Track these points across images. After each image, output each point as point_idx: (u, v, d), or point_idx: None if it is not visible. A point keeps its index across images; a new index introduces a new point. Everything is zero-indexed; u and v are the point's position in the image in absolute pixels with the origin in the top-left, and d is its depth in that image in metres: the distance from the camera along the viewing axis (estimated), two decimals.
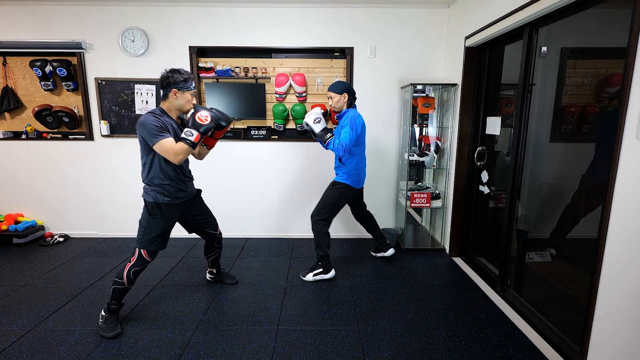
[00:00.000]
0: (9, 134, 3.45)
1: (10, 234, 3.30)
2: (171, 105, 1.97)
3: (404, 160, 3.28)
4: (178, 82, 1.91)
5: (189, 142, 1.87)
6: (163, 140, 1.85)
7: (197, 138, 1.89)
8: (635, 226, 1.34)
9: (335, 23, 3.26)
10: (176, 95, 1.94)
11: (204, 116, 1.91)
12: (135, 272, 2.02)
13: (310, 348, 1.90)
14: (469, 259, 2.99)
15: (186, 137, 1.87)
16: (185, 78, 1.93)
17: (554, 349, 1.82)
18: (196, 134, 1.88)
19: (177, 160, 1.88)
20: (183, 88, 1.93)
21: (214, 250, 2.49)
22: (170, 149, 1.85)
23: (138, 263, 2.02)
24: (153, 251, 2.05)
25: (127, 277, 2.01)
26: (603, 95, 1.73)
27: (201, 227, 2.33)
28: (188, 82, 1.94)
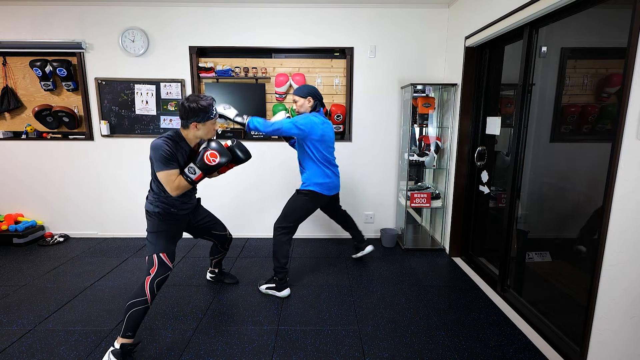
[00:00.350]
0: (9, 134, 3.45)
1: (10, 234, 3.30)
2: (190, 135, 1.88)
3: (404, 160, 3.28)
4: (198, 114, 1.80)
5: (190, 180, 1.82)
6: (167, 172, 1.78)
7: (198, 177, 1.83)
8: (635, 226, 1.34)
9: (335, 23, 3.26)
10: (197, 127, 1.85)
11: (213, 156, 1.82)
12: (159, 282, 1.83)
13: (310, 348, 1.90)
14: (469, 259, 2.99)
15: (188, 174, 1.81)
16: (205, 108, 1.81)
17: (554, 349, 1.82)
18: (198, 173, 1.82)
19: (174, 194, 1.82)
20: (203, 119, 1.83)
21: (220, 252, 2.48)
22: (171, 182, 1.79)
23: (161, 271, 1.85)
24: (172, 254, 1.94)
25: (150, 291, 1.79)
26: (603, 95, 1.73)
27: (208, 229, 2.30)
28: (209, 112, 1.83)
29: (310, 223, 3.58)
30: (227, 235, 2.42)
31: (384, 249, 3.35)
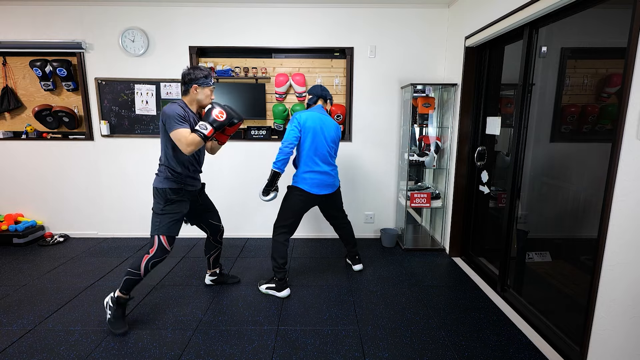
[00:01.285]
0: (9, 134, 3.45)
1: (10, 234, 3.30)
2: (192, 99, 2.07)
3: (404, 160, 3.28)
4: (199, 78, 2.02)
5: (202, 135, 1.94)
6: (181, 129, 1.92)
7: (210, 132, 1.96)
8: (635, 226, 1.34)
9: (335, 23, 3.26)
10: (197, 90, 2.04)
11: (220, 112, 2.00)
12: (154, 263, 2.04)
13: (310, 348, 1.90)
14: (469, 259, 2.99)
15: (200, 129, 1.95)
16: (205, 75, 2.04)
17: (554, 349, 1.82)
18: (210, 129, 1.96)
19: (188, 151, 1.94)
20: (203, 84, 2.04)
21: (215, 246, 2.49)
22: (184, 138, 1.92)
23: (158, 254, 2.04)
24: (172, 237, 2.07)
25: (144, 269, 2.03)
26: (603, 95, 1.73)
27: (206, 218, 2.37)
28: (208, 78, 2.06)
29: (310, 223, 3.58)
30: (220, 227, 2.46)
31: (384, 249, 3.35)
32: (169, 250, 2.06)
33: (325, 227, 3.60)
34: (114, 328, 2.01)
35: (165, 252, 2.05)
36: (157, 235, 2.03)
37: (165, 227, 2.04)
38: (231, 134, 2.23)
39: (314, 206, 2.59)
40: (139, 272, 2.02)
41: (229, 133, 2.21)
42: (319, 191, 2.46)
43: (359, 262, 2.87)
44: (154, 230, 2.04)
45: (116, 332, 2.00)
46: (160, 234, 2.03)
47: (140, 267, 2.02)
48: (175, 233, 2.09)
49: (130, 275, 2.03)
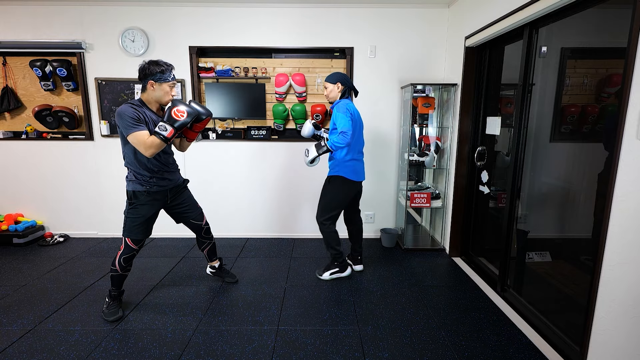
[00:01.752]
0: (9, 134, 3.45)
1: (10, 234, 3.30)
2: (149, 97, 1.97)
3: (404, 160, 3.28)
4: (155, 73, 1.90)
5: (162, 137, 1.85)
6: (137, 133, 1.84)
7: (170, 133, 1.86)
8: (635, 226, 1.34)
9: (335, 23, 3.26)
10: (153, 87, 1.94)
11: (180, 111, 1.87)
12: (125, 259, 2.10)
13: (310, 348, 1.90)
14: (469, 259, 2.99)
15: (159, 131, 1.84)
16: (162, 69, 1.92)
17: (554, 349, 1.82)
18: (170, 129, 1.85)
19: (148, 154, 1.87)
20: (160, 80, 1.92)
21: (203, 241, 2.48)
22: (143, 142, 1.84)
23: (126, 251, 2.10)
24: (137, 239, 2.09)
25: (119, 265, 2.10)
26: (603, 95, 1.73)
27: (185, 218, 2.33)
28: (165, 73, 1.93)
29: (310, 223, 3.58)
30: (203, 225, 2.41)
31: (384, 249, 3.35)
32: (135, 248, 2.11)
33: None
34: (108, 316, 2.12)
35: (131, 250, 2.10)
36: (123, 236, 2.08)
37: (128, 230, 2.06)
38: (200, 130, 2.13)
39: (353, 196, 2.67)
40: (115, 268, 2.11)
41: (197, 130, 2.11)
42: (359, 178, 2.59)
43: (361, 263, 2.88)
44: (122, 231, 2.09)
45: (109, 319, 2.11)
46: (125, 236, 2.07)
47: (115, 263, 2.10)
48: (138, 235, 2.07)
49: (112, 272, 2.13)
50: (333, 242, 2.60)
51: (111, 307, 2.16)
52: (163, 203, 2.18)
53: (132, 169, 2.02)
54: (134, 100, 1.98)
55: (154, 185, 2.06)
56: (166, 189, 2.14)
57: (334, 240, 2.60)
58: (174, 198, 2.22)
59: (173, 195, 2.21)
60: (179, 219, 2.35)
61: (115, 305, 2.17)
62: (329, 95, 2.53)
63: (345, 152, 2.48)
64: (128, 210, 2.06)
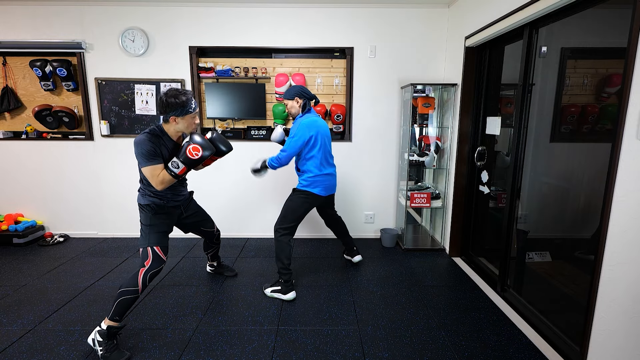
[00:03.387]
0: (9, 134, 3.45)
1: (10, 234, 3.30)
2: (171, 129, 1.93)
3: (404, 160, 3.28)
4: (176, 109, 1.83)
5: (173, 174, 1.85)
6: (151, 167, 1.83)
7: (181, 171, 1.86)
8: (635, 226, 1.34)
9: (335, 23, 3.26)
10: (176, 121, 1.87)
11: (196, 149, 1.84)
12: (152, 275, 1.90)
13: (310, 348, 1.90)
14: (469, 259, 2.99)
15: (172, 168, 1.84)
16: (183, 103, 1.82)
17: (554, 349, 1.82)
18: (182, 167, 1.85)
19: (159, 188, 1.87)
20: (182, 114, 1.85)
21: (212, 246, 2.59)
22: (155, 176, 1.84)
23: (155, 264, 1.91)
24: (165, 246, 2.00)
25: (142, 283, 1.85)
26: (603, 95, 1.73)
27: (197, 226, 2.37)
28: (187, 106, 1.84)
29: (310, 223, 3.58)
30: (215, 232, 2.49)
31: (384, 249, 3.35)
32: (164, 259, 1.97)
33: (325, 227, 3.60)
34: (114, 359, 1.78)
35: (161, 262, 1.95)
36: (149, 247, 1.93)
37: (155, 238, 1.96)
38: (216, 159, 2.13)
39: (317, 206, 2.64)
40: (136, 289, 1.83)
41: (214, 159, 2.11)
42: (328, 193, 2.52)
43: (358, 253, 2.92)
44: (145, 243, 1.95)
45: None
46: (153, 245, 1.94)
47: (138, 282, 1.84)
48: (166, 242, 2.02)
49: (125, 296, 1.81)
50: (282, 255, 2.41)
51: (111, 349, 1.79)
52: (178, 216, 2.19)
53: (150, 189, 1.98)
54: (155, 128, 1.92)
55: (170, 201, 2.06)
56: (180, 203, 2.15)
57: (284, 252, 2.41)
58: (186, 210, 2.23)
59: (185, 208, 2.22)
60: (189, 229, 2.35)
61: (114, 346, 1.80)
62: (290, 112, 2.47)
63: (310, 167, 2.41)
64: (151, 219, 1.97)
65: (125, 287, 1.83)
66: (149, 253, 1.93)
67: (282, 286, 2.41)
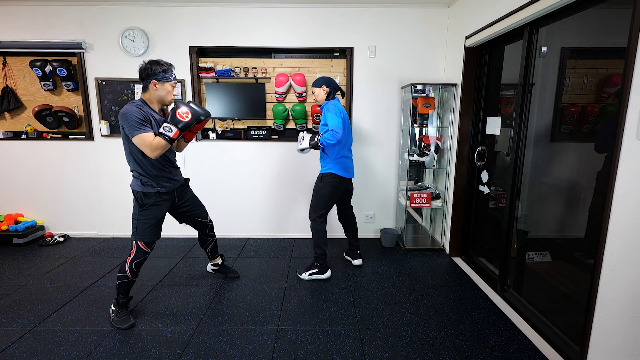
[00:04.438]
0: (9, 134, 3.45)
1: (10, 234, 3.30)
2: (152, 96, 1.98)
3: (404, 160, 3.28)
4: (157, 73, 1.92)
5: (168, 137, 1.88)
6: (143, 134, 1.85)
7: (175, 134, 1.90)
8: (635, 226, 1.34)
9: (335, 23, 3.26)
10: (156, 86, 1.95)
11: (184, 112, 1.91)
12: (136, 264, 2.06)
13: (310, 348, 1.90)
14: (469, 259, 2.99)
15: (165, 132, 1.88)
16: (164, 69, 1.94)
17: (554, 349, 1.82)
18: (175, 130, 1.89)
19: (153, 155, 1.89)
20: (163, 79, 1.94)
21: (207, 239, 2.54)
22: (149, 143, 1.85)
23: (138, 255, 2.06)
24: (150, 242, 2.07)
25: (129, 270, 2.05)
26: (603, 95, 1.73)
27: (191, 216, 2.36)
28: (168, 72, 1.96)
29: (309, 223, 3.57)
30: (208, 222, 2.47)
31: (384, 249, 3.35)
32: (147, 251, 2.08)
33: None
34: (119, 324, 2.06)
35: (144, 253, 2.07)
36: (134, 240, 2.04)
37: (141, 233, 2.03)
38: (197, 130, 2.16)
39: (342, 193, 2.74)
40: (126, 275, 2.05)
41: (196, 130, 2.13)
42: (349, 174, 2.67)
43: (360, 257, 2.96)
44: (132, 235, 2.05)
45: (122, 326, 2.05)
46: (137, 239, 2.04)
47: (126, 269, 2.04)
48: (151, 237, 2.06)
49: (120, 280, 2.06)
50: (321, 242, 2.62)
51: (121, 315, 2.10)
52: (171, 203, 2.18)
53: (140, 171, 2.00)
54: (136, 100, 1.97)
55: (162, 186, 2.07)
56: (173, 189, 2.15)
57: (322, 239, 2.63)
58: (180, 198, 2.24)
59: (179, 195, 2.22)
60: (183, 219, 2.36)
61: (124, 312, 2.11)
62: (317, 99, 2.64)
63: (336, 150, 2.57)
64: (139, 213, 2.03)
65: (119, 272, 2.07)
66: (134, 245, 2.06)
67: (320, 268, 2.65)
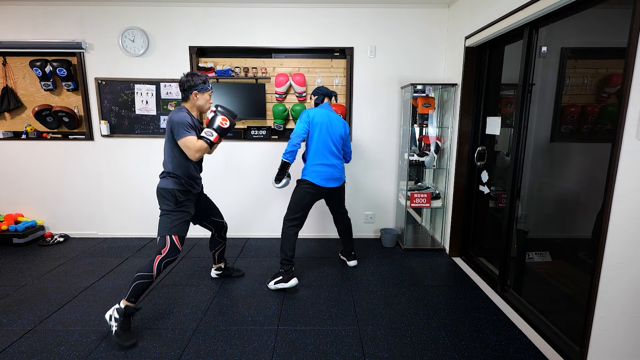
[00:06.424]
0: (9, 134, 3.45)
1: (10, 234, 3.30)
2: (192, 105, 2.15)
3: (404, 160, 3.28)
4: (197, 84, 2.09)
5: (209, 141, 2.05)
6: (189, 137, 2.00)
7: (216, 139, 2.07)
8: (635, 226, 1.34)
9: (335, 23, 3.26)
10: (196, 96, 2.12)
11: (225, 120, 2.11)
12: (166, 263, 2.03)
13: (310, 348, 1.90)
14: (469, 259, 2.99)
15: (206, 136, 2.06)
16: (203, 80, 2.12)
17: (554, 349, 1.81)
18: (215, 135, 2.07)
19: (196, 157, 2.04)
20: (202, 89, 2.12)
21: (219, 242, 2.59)
22: (193, 145, 2.01)
23: (171, 253, 2.04)
24: (183, 237, 2.12)
25: (157, 270, 1.99)
26: (603, 95, 1.73)
27: (208, 216, 2.46)
28: (206, 84, 2.14)
29: (310, 223, 3.58)
30: (224, 224, 2.57)
31: (384, 249, 3.35)
32: (180, 249, 2.09)
33: (326, 227, 3.61)
34: (123, 341, 1.88)
35: (177, 251, 2.07)
36: (168, 236, 2.05)
37: (177, 228, 2.09)
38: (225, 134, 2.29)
39: (321, 199, 2.69)
40: (151, 274, 1.97)
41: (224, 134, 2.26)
42: (327, 184, 2.57)
43: (354, 258, 2.94)
44: (165, 231, 2.06)
45: (125, 344, 1.88)
46: (172, 234, 2.06)
47: (153, 268, 1.98)
48: (185, 233, 2.15)
49: (141, 280, 1.96)
50: (286, 246, 2.50)
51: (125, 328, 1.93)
52: (195, 204, 2.28)
53: (178, 173, 2.11)
54: (182, 107, 2.12)
55: (194, 187, 2.20)
56: (198, 191, 2.28)
57: (288, 243, 2.50)
58: (198, 200, 2.34)
59: (199, 197, 2.35)
60: (201, 218, 2.44)
61: (127, 325, 1.94)
62: None
63: (310, 157, 2.55)
64: (174, 210, 2.09)
65: (142, 272, 1.99)
66: (167, 241, 2.04)
67: (283, 275, 2.48)
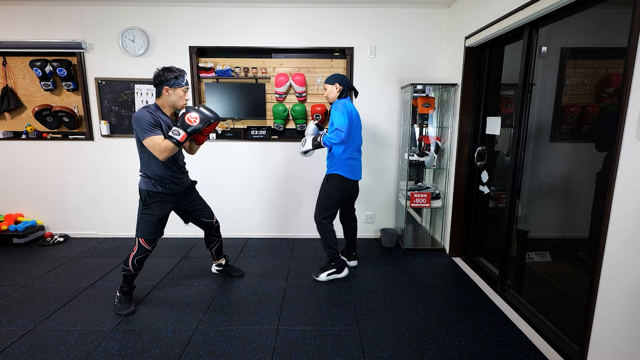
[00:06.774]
0: (9, 134, 3.45)
1: (10, 234, 3.30)
2: (164, 102, 2.07)
3: (404, 160, 3.28)
4: (169, 79, 2.01)
5: (175, 141, 1.96)
6: (153, 137, 1.95)
7: (183, 138, 1.96)
8: (635, 226, 1.34)
9: (335, 23, 3.26)
10: (168, 92, 2.04)
11: (193, 117, 1.98)
12: (138, 260, 2.16)
13: (310, 348, 1.90)
14: (469, 259, 2.99)
15: (173, 136, 1.96)
16: (176, 75, 2.03)
17: (554, 349, 1.82)
18: (183, 134, 1.96)
19: (162, 157, 1.98)
20: (174, 85, 2.03)
21: (213, 239, 2.60)
22: (157, 145, 1.95)
23: (140, 252, 2.15)
24: (151, 239, 2.16)
25: (132, 265, 2.16)
26: (603, 95, 1.73)
27: (196, 217, 2.43)
28: (179, 79, 2.04)
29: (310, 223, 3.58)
30: (214, 223, 2.54)
31: (384, 249, 3.35)
32: (148, 249, 2.16)
33: None
34: (120, 310, 2.19)
35: (146, 251, 2.16)
36: (136, 237, 2.14)
37: (142, 230, 2.13)
38: (208, 133, 2.22)
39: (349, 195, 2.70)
40: (128, 268, 2.16)
41: (206, 133, 2.19)
42: (356, 177, 2.62)
43: (355, 259, 2.95)
44: (136, 231, 2.15)
45: (122, 312, 2.17)
46: (139, 236, 2.13)
47: (129, 263, 2.16)
48: (152, 235, 2.15)
49: (124, 272, 2.19)
50: (331, 242, 2.59)
51: (123, 302, 2.22)
52: (175, 205, 2.28)
53: (147, 172, 2.11)
54: (150, 105, 2.07)
55: (166, 188, 2.16)
56: (178, 191, 2.24)
57: (331, 239, 2.59)
58: (185, 198, 2.32)
59: (184, 196, 2.30)
60: (189, 219, 2.43)
61: (127, 299, 2.24)
62: (328, 96, 2.59)
63: (342, 150, 2.52)
64: (142, 211, 2.13)
65: (124, 265, 2.19)
66: (136, 242, 2.16)
67: (337, 267, 2.62)
